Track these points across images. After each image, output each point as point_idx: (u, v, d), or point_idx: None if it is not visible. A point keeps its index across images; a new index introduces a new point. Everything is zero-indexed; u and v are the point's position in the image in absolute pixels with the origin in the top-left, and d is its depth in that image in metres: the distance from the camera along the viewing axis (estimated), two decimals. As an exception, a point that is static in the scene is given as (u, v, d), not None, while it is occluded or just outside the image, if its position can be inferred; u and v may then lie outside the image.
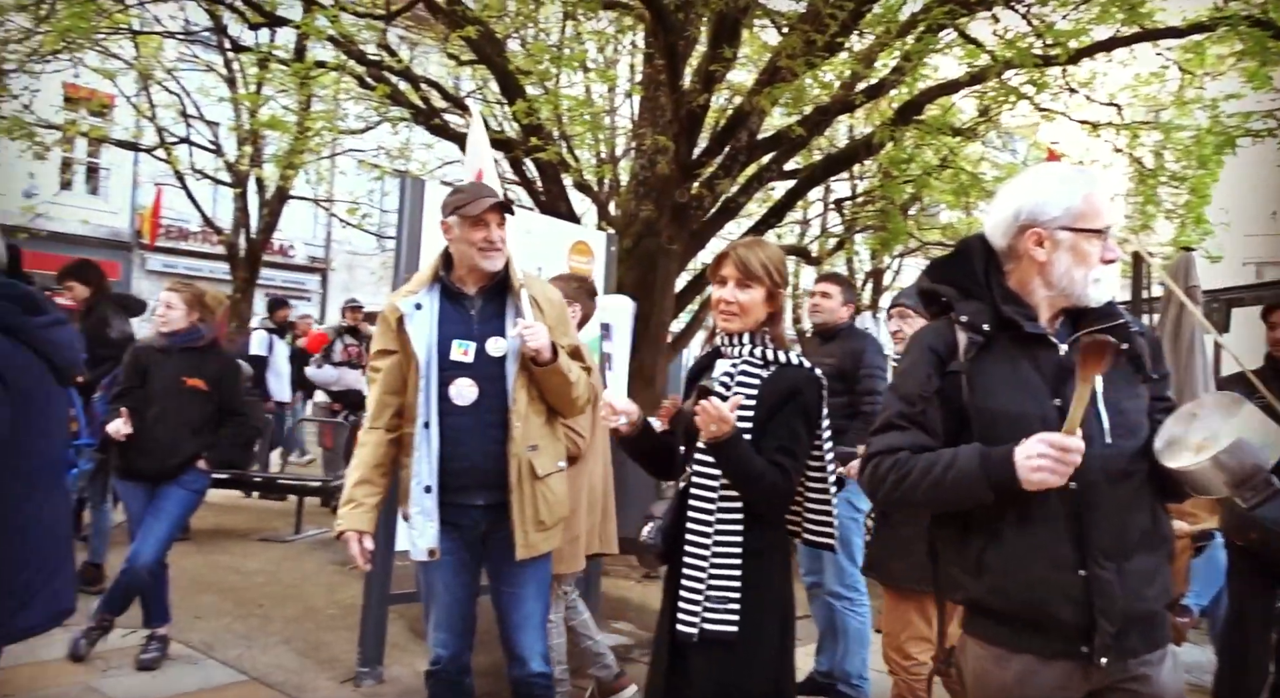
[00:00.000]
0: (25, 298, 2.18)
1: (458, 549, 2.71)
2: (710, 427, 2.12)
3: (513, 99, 6.59)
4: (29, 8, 6.61)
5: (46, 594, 2.17)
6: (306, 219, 19.97)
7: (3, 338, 2.08)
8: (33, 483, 2.15)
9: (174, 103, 11.34)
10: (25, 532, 2.13)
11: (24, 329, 2.13)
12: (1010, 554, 1.72)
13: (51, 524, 2.22)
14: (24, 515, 2.12)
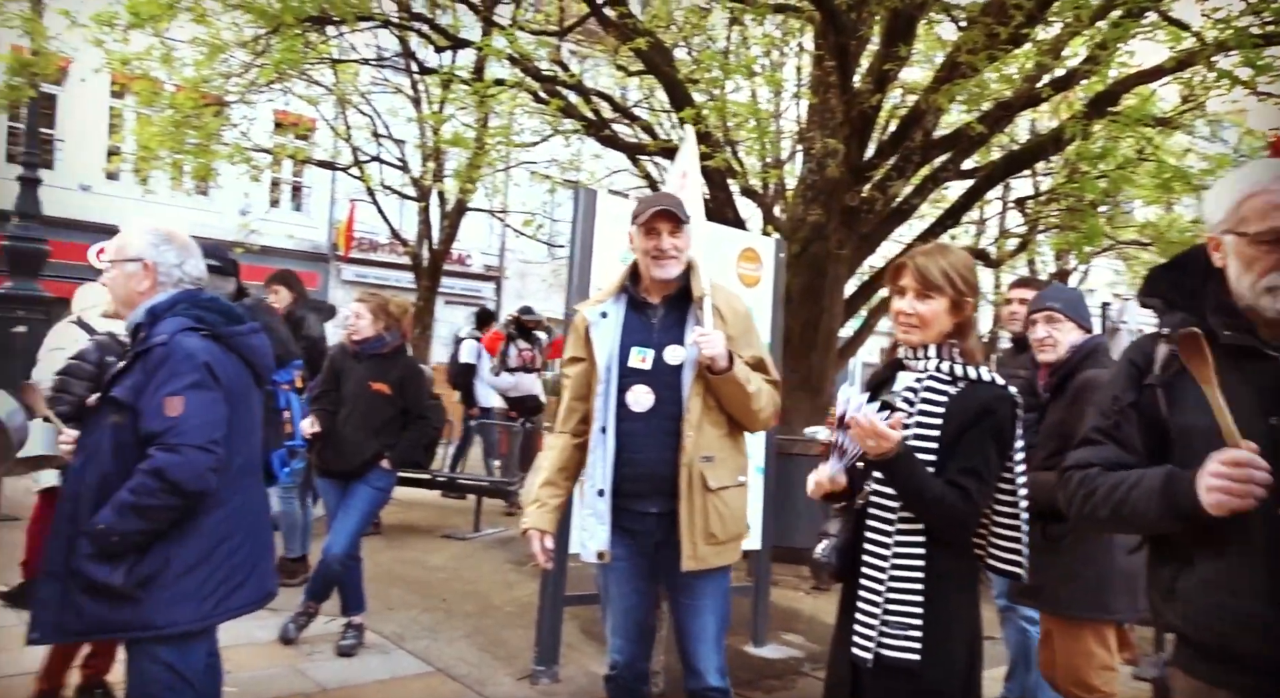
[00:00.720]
0: (227, 309, 2.44)
1: (632, 556, 2.74)
2: (868, 443, 2.03)
3: (680, 107, 6.64)
4: (248, 44, 7.31)
5: (256, 577, 2.42)
6: (482, 230, 20.94)
7: (214, 344, 2.33)
8: (240, 475, 2.39)
9: (367, 124, 12.19)
10: (237, 519, 2.37)
11: (231, 337, 2.38)
12: (1201, 583, 1.60)
13: (256, 513, 2.47)
14: (234, 505, 2.36)
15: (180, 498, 2.20)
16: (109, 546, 2.18)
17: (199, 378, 2.26)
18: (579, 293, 4.35)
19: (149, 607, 2.22)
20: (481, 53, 7.49)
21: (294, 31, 6.35)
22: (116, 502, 2.18)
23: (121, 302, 2.41)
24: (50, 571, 2.26)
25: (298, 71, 8.17)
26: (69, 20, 6.94)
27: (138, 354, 2.28)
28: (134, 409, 2.23)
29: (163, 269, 2.39)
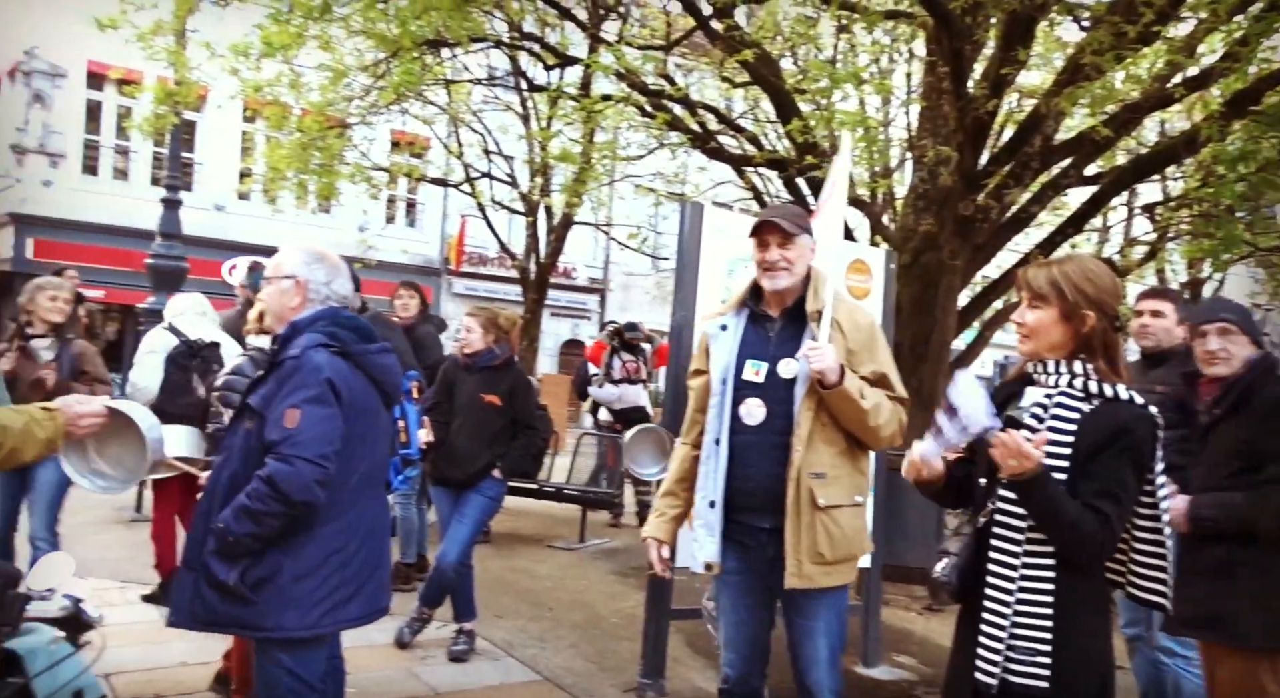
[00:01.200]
0: (362, 328, 2.54)
1: (745, 570, 2.72)
2: (1009, 462, 1.94)
3: (787, 118, 6.58)
4: (369, 69, 7.66)
5: (367, 591, 2.49)
6: (587, 243, 21.26)
7: (342, 362, 2.43)
8: (359, 490, 2.48)
9: (478, 142, 12.56)
10: (351, 532, 2.45)
11: (360, 355, 2.48)
12: None
13: (373, 526, 2.54)
14: (349, 519, 2.45)
15: (287, 507, 2.28)
16: (227, 544, 2.29)
17: (319, 393, 2.35)
18: (684, 305, 4.36)
19: (259, 609, 2.32)
20: (589, 69, 7.63)
21: (411, 55, 6.61)
22: (235, 503, 2.30)
23: (275, 316, 2.56)
24: (188, 560, 2.40)
25: (414, 93, 8.48)
26: (209, 52, 7.41)
27: (273, 365, 2.42)
28: (263, 416, 2.36)
29: (312, 286, 2.52)
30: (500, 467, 4.42)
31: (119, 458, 2.39)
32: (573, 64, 7.49)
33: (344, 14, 6.93)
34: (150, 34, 7.17)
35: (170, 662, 3.89)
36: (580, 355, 22.73)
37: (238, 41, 7.19)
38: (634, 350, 8.61)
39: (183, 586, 2.39)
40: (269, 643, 2.39)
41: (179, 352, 4.82)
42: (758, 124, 9.15)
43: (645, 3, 10.36)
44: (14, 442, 2.04)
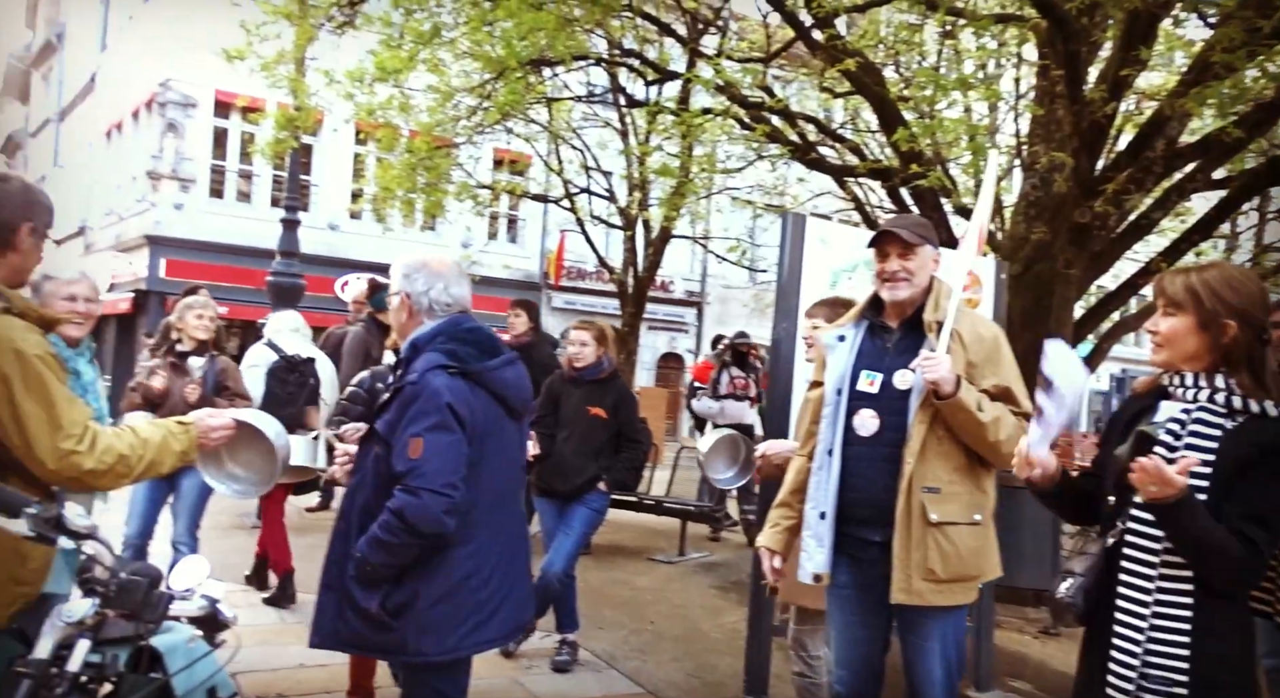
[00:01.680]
0: (487, 341, 2.50)
1: (857, 585, 2.66)
2: (1150, 488, 1.82)
3: (890, 127, 6.46)
4: (474, 89, 7.91)
5: (506, 610, 2.49)
6: (684, 256, 21.31)
7: (461, 382, 2.39)
8: (491, 511, 2.46)
9: (577, 158, 12.78)
10: (484, 555, 2.44)
11: (482, 373, 2.44)
12: None
13: (508, 545, 2.53)
14: (481, 541, 2.44)
15: (417, 538, 2.29)
16: (365, 572, 2.33)
17: (440, 419, 2.31)
18: (786, 317, 4.31)
19: (400, 635, 2.35)
20: (687, 83, 7.67)
21: (516, 75, 6.78)
22: (370, 533, 2.32)
23: (399, 333, 2.56)
24: (327, 582, 2.45)
25: (518, 112, 8.69)
26: (327, 78, 7.78)
27: (397, 389, 2.41)
28: (389, 443, 2.37)
29: (414, 297, 2.49)
30: (606, 479, 4.46)
31: (251, 464, 2.51)
32: (673, 79, 7.54)
33: (452, 37, 7.16)
34: (274, 63, 7.57)
35: (290, 663, 4.06)
36: (677, 369, 22.85)
37: (353, 68, 7.53)
38: (745, 366, 8.50)
39: (324, 607, 2.44)
40: (428, 669, 2.44)
41: (278, 366, 5.13)
42: (858, 134, 9.02)
43: (743, 16, 10.35)
44: (152, 454, 2.14)
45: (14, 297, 2.08)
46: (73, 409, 2.03)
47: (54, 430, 1.96)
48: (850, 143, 7.70)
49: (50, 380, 1.99)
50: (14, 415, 1.94)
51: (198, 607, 1.72)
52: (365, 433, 2.50)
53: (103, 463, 2.02)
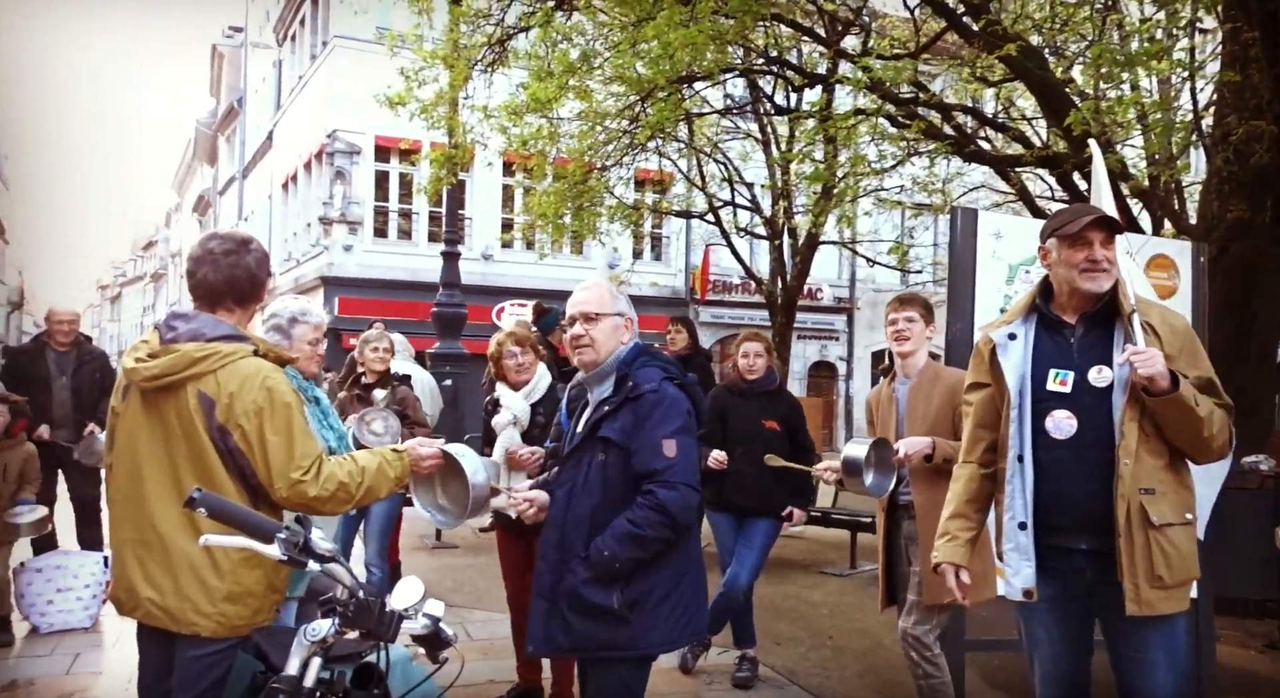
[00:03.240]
0: (669, 361, 2.68)
1: (1061, 597, 2.50)
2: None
3: (1056, 111, 6.09)
4: (623, 111, 8.07)
5: (701, 610, 2.58)
6: (831, 262, 20.91)
7: (681, 392, 2.58)
8: None
9: (718, 171, 12.78)
10: (691, 554, 2.56)
11: (689, 387, 2.63)
12: None
13: (700, 550, 2.63)
14: (691, 542, 2.56)
15: (674, 532, 2.43)
16: (610, 571, 2.41)
17: (685, 423, 2.50)
18: (960, 316, 4.14)
19: (633, 629, 2.44)
20: (830, 86, 7.53)
21: (662, 93, 6.86)
22: (619, 532, 2.41)
23: (606, 349, 2.63)
24: (539, 591, 2.54)
25: (663, 131, 8.77)
26: (483, 114, 8.14)
27: (626, 400, 2.52)
28: (623, 448, 2.48)
29: (635, 323, 2.71)
30: (787, 492, 4.39)
31: (457, 495, 2.61)
32: (822, 82, 7.42)
33: (598, 63, 7.32)
34: (433, 106, 7.98)
35: (479, 678, 4.20)
36: (829, 378, 22.36)
37: (505, 102, 7.83)
38: None
39: (538, 616, 2.53)
40: (625, 663, 2.51)
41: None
42: (1012, 122, 8.58)
43: (884, 14, 10.09)
44: (370, 481, 2.32)
45: (259, 341, 2.35)
46: (307, 442, 2.24)
47: (288, 461, 2.18)
48: (1013, 130, 7.32)
49: (294, 415, 2.23)
50: (261, 446, 2.18)
51: (422, 626, 1.79)
52: (581, 441, 2.56)
53: (326, 490, 2.21)
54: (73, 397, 5.89)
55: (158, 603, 2.22)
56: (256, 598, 2.26)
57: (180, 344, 2.24)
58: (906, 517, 3.55)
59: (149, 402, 2.27)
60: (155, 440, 2.26)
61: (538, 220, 9.16)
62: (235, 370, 2.21)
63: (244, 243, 2.42)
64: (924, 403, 3.52)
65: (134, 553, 2.27)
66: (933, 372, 3.59)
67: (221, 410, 2.18)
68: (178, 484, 2.22)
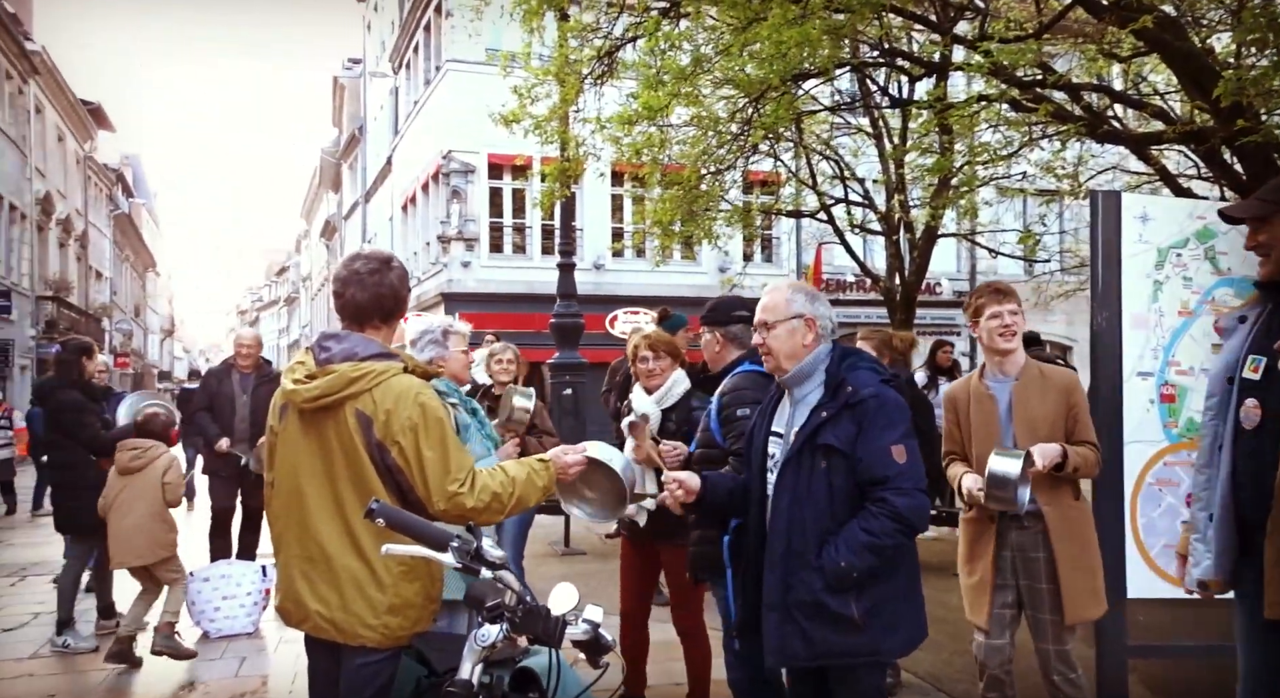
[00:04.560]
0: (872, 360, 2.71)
1: (1255, 594, 2.34)
2: None
3: (1200, 83, 5.71)
4: (735, 114, 8.04)
5: (920, 618, 2.58)
6: (949, 255, 20.25)
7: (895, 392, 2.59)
8: None
9: (829, 168, 12.56)
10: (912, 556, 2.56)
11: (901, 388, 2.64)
12: None
13: (914, 555, 2.61)
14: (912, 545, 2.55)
15: (908, 537, 2.43)
16: (848, 581, 2.40)
17: (909, 427, 2.49)
18: (1106, 305, 3.93)
19: (871, 635, 2.44)
20: (943, 75, 7.28)
21: (775, 93, 6.79)
22: (856, 543, 2.38)
23: (786, 355, 2.63)
24: (770, 602, 2.53)
25: (774, 131, 8.67)
26: (598, 125, 8.25)
27: (845, 406, 2.48)
28: (846, 455, 2.45)
29: (820, 321, 2.66)
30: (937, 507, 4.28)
31: (605, 493, 2.66)
32: (940, 71, 7.18)
33: (708, 67, 7.31)
34: (546, 121, 8.16)
35: (613, 683, 4.23)
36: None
37: (615, 113, 7.92)
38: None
39: (772, 628, 2.52)
40: (870, 668, 2.54)
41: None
42: (1146, 98, 8.10)
43: (998, -6, 9.70)
44: (520, 491, 2.37)
45: (406, 357, 2.43)
46: (461, 455, 2.31)
47: (445, 474, 2.24)
48: (1152, 107, 6.90)
49: (446, 430, 2.30)
50: (418, 461, 2.24)
51: (582, 631, 1.82)
52: (801, 449, 2.52)
53: (481, 501, 2.27)
54: (251, 414, 6.55)
55: (325, 616, 2.31)
56: (415, 609, 2.34)
57: (335, 364, 2.33)
58: (1015, 528, 3.33)
59: (308, 421, 2.36)
60: (314, 459, 2.35)
61: (653, 227, 9.20)
62: (389, 388, 2.29)
63: (386, 262, 2.50)
64: (1037, 405, 3.30)
65: (299, 569, 2.36)
66: (1037, 370, 3.38)
67: (379, 428, 2.25)
68: (338, 501, 2.31)
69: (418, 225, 21.90)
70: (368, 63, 29.52)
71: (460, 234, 18.43)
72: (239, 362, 6.79)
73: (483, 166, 18.71)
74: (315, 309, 43.74)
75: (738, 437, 3.07)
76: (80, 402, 5.41)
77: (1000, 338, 3.31)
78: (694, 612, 3.89)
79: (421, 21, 21.19)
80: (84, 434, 5.35)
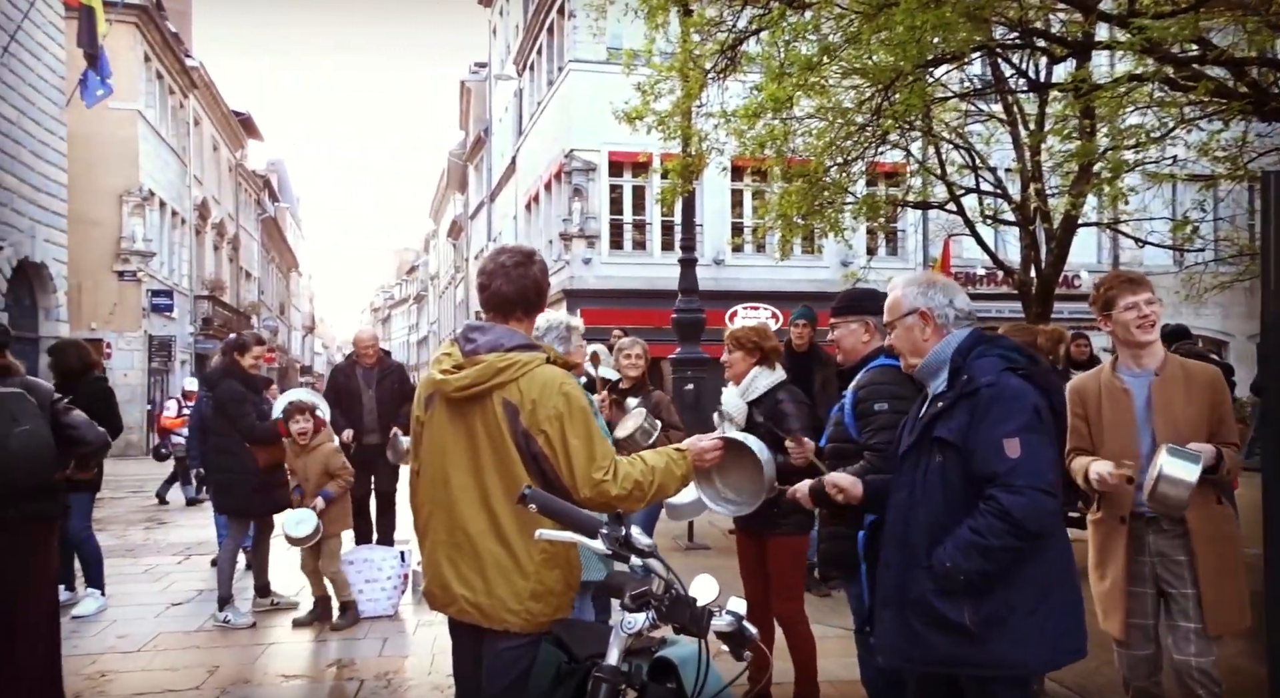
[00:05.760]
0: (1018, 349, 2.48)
1: None
2: None
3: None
4: (864, 104, 7.86)
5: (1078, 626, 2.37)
6: (1089, 246, 19.19)
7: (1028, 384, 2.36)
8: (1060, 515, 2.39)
9: (959, 158, 12.09)
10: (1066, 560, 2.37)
11: (1043, 375, 2.43)
12: None
13: (1070, 560, 2.41)
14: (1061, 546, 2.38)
15: (1022, 540, 2.21)
16: (955, 583, 2.27)
17: (1029, 420, 2.27)
18: (1278, 297, 3.63)
19: (993, 647, 2.26)
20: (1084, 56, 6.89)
21: (907, 80, 6.59)
22: (961, 541, 2.25)
23: (909, 352, 2.57)
24: (884, 597, 2.46)
25: (913, 118, 8.38)
26: (723, 117, 8.22)
27: (961, 396, 2.36)
28: (960, 449, 2.32)
29: (937, 311, 2.52)
30: None
31: (740, 483, 2.66)
32: (1088, 49, 6.80)
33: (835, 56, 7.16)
34: (668, 116, 8.19)
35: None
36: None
37: (738, 106, 7.87)
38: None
39: (888, 625, 2.45)
40: (998, 682, 2.35)
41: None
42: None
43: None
44: (660, 479, 2.39)
45: (548, 349, 2.48)
46: (604, 444, 2.35)
47: (590, 462, 2.28)
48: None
49: (590, 419, 2.34)
50: (564, 450, 2.29)
51: (726, 623, 1.82)
52: (916, 442, 2.45)
53: (624, 489, 2.30)
54: (378, 406, 6.94)
55: (470, 601, 2.38)
56: (556, 596, 2.40)
57: (481, 355, 2.40)
58: (1153, 531, 3.15)
59: (455, 410, 2.44)
60: (460, 447, 2.42)
61: (777, 221, 9.08)
62: (535, 378, 2.34)
63: (529, 255, 2.56)
64: (1182, 403, 3.11)
65: (445, 554, 2.44)
66: (1179, 365, 3.20)
67: (525, 417, 2.31)
68: (483, 489, 2.38)
69: (540, 223, 22.39)
70: (493, 66, 30.36)
71: (582, 232, 18.74)
72: (361, 358, 7.15)
73: (603, 165, 18.96)
74: (443, 306, 45.39)
75: (874, 431, 3.01)
76: (240, 393, 5.80)
77: (1138, 330, 3.17)
78: (795, 600, 3.91)
79: (545, 23, 21.63)
80: (241, 423, 5.73)
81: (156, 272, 22.85)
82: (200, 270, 28.12)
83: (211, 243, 30.08)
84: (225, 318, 29.16)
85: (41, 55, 13.28)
